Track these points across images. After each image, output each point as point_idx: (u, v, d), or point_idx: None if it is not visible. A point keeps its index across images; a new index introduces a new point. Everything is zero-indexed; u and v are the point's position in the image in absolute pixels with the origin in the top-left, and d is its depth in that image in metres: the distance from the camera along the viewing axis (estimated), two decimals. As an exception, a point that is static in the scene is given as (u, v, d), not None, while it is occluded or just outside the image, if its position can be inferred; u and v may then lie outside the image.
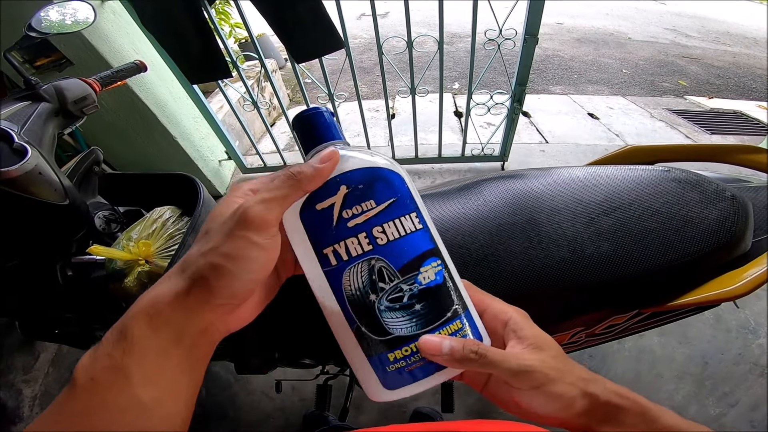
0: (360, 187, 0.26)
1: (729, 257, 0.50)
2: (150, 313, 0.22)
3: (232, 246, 0.23)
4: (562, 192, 0.53)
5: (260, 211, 0.23)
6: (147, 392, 0.21)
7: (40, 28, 0.63)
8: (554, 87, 3.23)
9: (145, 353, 0.21)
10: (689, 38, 4.53)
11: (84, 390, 0.20)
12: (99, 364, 0.21)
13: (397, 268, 0.26)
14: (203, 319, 0.23)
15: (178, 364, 0.23)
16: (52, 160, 0.52)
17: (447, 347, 0.25)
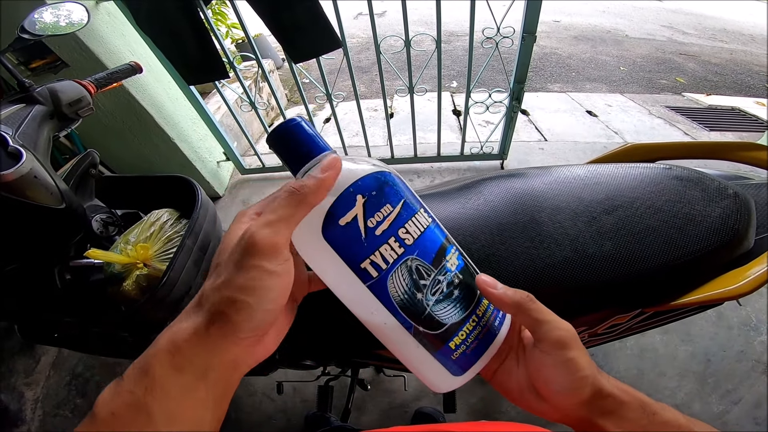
0: (373, 194, 0.25)
1: (732, 255, 0.50)
2: (171, 351, 0.22)
3: (246, 278, 0.22)
4: (563, 191, 0.52)
5: (267, 236, 0.22)
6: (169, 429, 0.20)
7: (33, 30, 0.62)
8: (552, 85, 3.23)
9: (167, 392, 0.21)
10: (686, 35, 4.54)
11: (105, 424, 0.20)
12: (120, 400, 0.21)
13: (429, 262, 0.27)
14: (228, 354, 0.23)
15: (203, 401, 0.22)
16: (47, 163, 0.52)
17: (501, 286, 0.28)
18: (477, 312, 0.28)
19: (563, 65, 3.62)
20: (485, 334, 0.28)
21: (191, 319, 0.23)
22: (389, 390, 1.23)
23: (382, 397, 1.22)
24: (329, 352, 0.78)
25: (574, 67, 3.57)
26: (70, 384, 1.36)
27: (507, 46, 1.43)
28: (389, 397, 1.22)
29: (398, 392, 1.21)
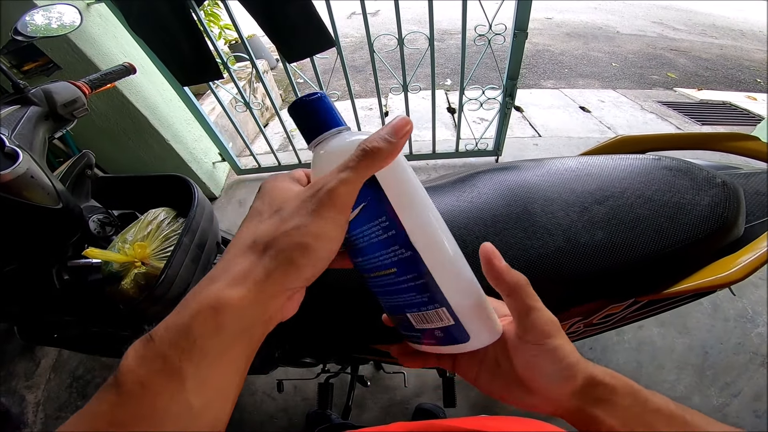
0: None
1: (722, 243, 0.50)
2: (216, 307, 0.20)
3: (321, 225, 0.22)
4: (555, 182, 0.53)
5: (344, 191, 0.23)
6: (199, 398, 0.19)
7: (26, 32, 0.62)
8: (546, 81, 3.25)
9: (205, 354, 0.20)
10: (676, 31, 4.58)
11: (132, 396, 0.19)
12: (151, 367, 0.19)
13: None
14: (275, 306, 0.22)
15: (235, 363, 0.21)
16: (43, 163, 0.52)
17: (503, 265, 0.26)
18: None
19: (556, 62, 3.64)
20: None
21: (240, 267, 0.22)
22: (389, 387, 1.23)
23: (382, 393, 1.22)
24: (328, 349, 0.79)
25: (566, 64, 3.59)
26: (71, 386, 1.36)
27: (499, 43, 1.45)
28: (389, 394, 1.22)
29: (398, 389, 1.22)
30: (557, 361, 0.25)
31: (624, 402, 0.25)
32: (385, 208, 0.25)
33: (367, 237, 0.26)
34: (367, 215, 0.25)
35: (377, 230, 0.25)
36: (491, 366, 0.29)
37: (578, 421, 0.26)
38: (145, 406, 0.18)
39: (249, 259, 0.22)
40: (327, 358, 0.88)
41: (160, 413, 0.19)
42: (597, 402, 0.25)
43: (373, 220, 0.25)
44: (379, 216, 0.25)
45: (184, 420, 0.19)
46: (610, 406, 0.25)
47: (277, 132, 2.62)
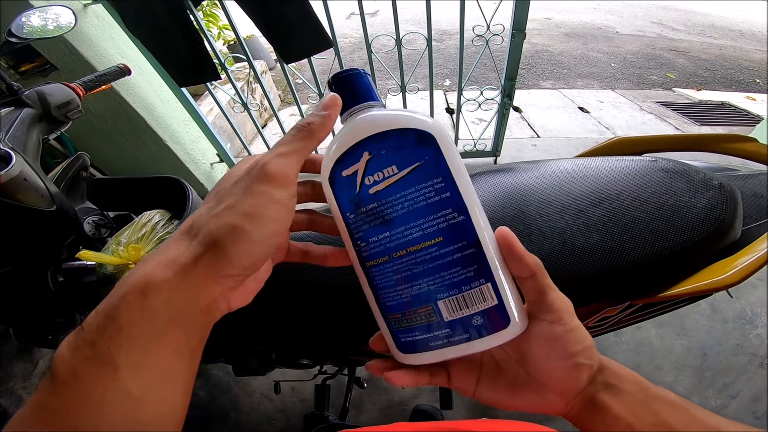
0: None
1: (719, 246, 0.50)
2: (144, 291, 0.19)
3: (252, 203, 0.21)
4: (551, 184, 0.53)
5: (281, 165, 0.22)
6: (137, 384, 0.19)
7: (21, 34, 0.62)
8: (545, 82, 3.25)
9: (135, 339, 0.19)
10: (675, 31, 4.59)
11: (65, 385, 0.18)
12: (81, 354, 0.18)
13: None
14: (208, 295, 0.21)
15: (175, 349, 0.20)
16: (37, 166, 0.52)
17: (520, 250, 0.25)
18: None
19: (555, 62, 3.64)
20: None
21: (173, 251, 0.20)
22: (387, 388, 1.23)
23: (379, 395, 1.22)
24: (325, 351, 0.78)
25: (565, 64, 3.59)
26: None
27: (497, 43, 1.44)
28: (387, 395, 1.22)
29: (396, 390, 1.22)
30: (579, 341, 0.24)
31: (630, 388, 0.25)
32: (442, 169, 0.24)
33: (410, 201, 0.24)
34: (417, 177, 0.24)
35: (428, 192, 0.24)
36: (492, 372, 0.28)
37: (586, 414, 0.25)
38: (79, 393, 0.18)
39: (181, 244, 0.21)
40: (323, 359, 0.88)
41: (95, 400, 0.18)
42: (606, 387, 0.25)
43: (426, 181, 0.24)
44: (435, 177, 0.24)
45: (124, 407, 0.18)
46: (617, 392, 0.24)
47: (275, 133, 2.61)
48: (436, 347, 0.25)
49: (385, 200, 0.24)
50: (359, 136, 0.25)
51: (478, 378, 0.28)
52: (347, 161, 0.25)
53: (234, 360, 0.75)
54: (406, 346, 0.26)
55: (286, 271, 0.28)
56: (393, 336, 0.27)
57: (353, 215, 0.25)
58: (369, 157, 0.24)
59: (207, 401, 1.26)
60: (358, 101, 0.27)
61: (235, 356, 0.74)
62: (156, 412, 0.19)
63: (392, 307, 0.26)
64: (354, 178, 0.25)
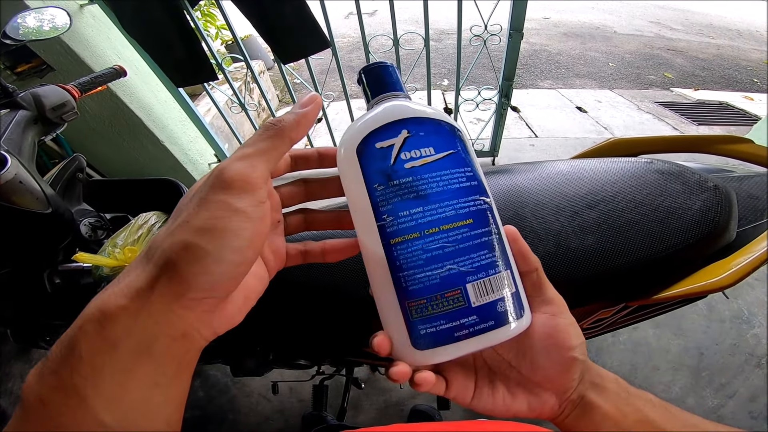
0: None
1: (714, 248, 0.50)
2: (100, 320, 0.17)
3: (208, 216, 0.18)
4: (546, 186, 0.53)
5: (240, 168, 0.19)
6: (111, 415, 0.17)
7: (16, 36, 0.61)
8: (543, 82, 3.25)
9: (99, 371, 0.17)
10: (673, 31, 4.59)
11: (34, 412, 0.17)
12: (46, 384, 0.17)
13: None
14: (177, 322, 0.18)
15: (148, 381, 0.18)
16: (33, 168, 0.52)
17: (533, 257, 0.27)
18: None
19: (553, 62, 3.65)
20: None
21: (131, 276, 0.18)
22: (385, 388, 1.23)
23: (377, 395, 1.22)
24: (323, 351, 0.78)
25: (563, 64, 3.60)
26: None
27: (495, 43, 1.45)
28: (385, 396, 1.22)
29: (394, 390, 1.22)
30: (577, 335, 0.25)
31: (612, 387, 0.25)
32: (469, 159, 0.26)
33: (445, 181, 0.24)
34: (451, 162, 0.25)
35: (460, 177, 0.25)
36: (486, 377, 0.27)
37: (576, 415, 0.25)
38: (48, 422, 0.17)
39: (138, 267, 0.19)
40: (321, 360, 0.88)
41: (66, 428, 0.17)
42: (592, 386, 0.25)
43: (459, 167, 0.25)
44: (466, 166, 0.26)
45: None
46: (602, 390, 0.25)
47: (273, 132, 2.61)
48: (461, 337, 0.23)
49: (421, 176, 0.24)
50: (398, 115, 0.26)
51: (474, 383, 0.27)
52: (382, 135, 0.25)
53: (232, 360, 0.75)
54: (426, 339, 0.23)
55: (283, 271, 0.28)
56: (410, 329, 0.24)
57: (383, 187, 0.24)
58: (408, 135, 0.25)
59: (205, 402, 1.27)
60: (388, 89, 0.28)
61: (233, 357, 0.74)
62: None
63: (416, 291, 0.23)
64: (389, 151, 0.25)
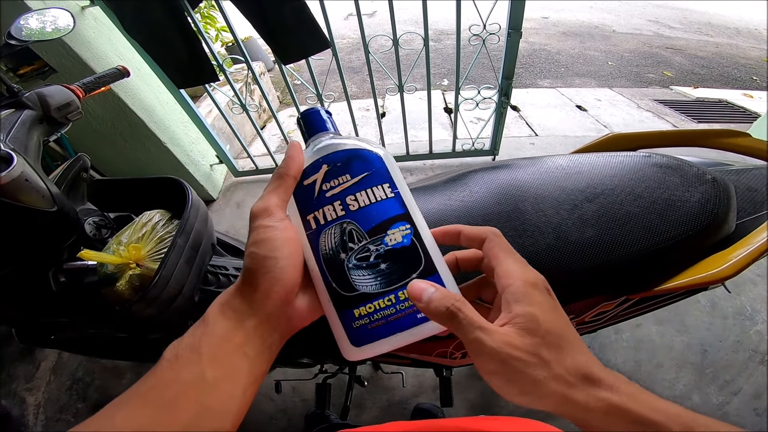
0: (338, 165, 0.30)
1: (713, 239, 0.51)
2: (222, 301, 0.27)
3: (254, 235, 0.28)
4: (546, 180, 0.54)
5: (259, 204, 0.29)
6: (211, 371, 0.24)
7: (20, 36, 0.62)
8: (542, 81, 3.26)
9: (214, 334, 0.25)
10: (672, 29, 4.60)
11: (168, 364, 0.24)
12: (184, 342, 0.25)
13: (365, 230, 0.29)
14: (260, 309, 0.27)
15: (240, 347, 0.26)
16: (38, 167, 0.52)
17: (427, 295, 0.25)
18: (400, 295, 0.28)
19: (552, 61, 3.65)
20: (399, 320, 0.28)
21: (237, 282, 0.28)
22: (387, 387, 1.24)
23: (380, 394, 1.23)
24: (325, 350, 0.79)
25: (563, 63, 3.60)
26: (71, 388, 1.36)
27: (494, 42, 1.45)
28: (388, 394, 1.22)
29: (396, 389, 1.22)
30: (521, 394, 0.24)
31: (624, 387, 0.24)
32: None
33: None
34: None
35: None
36: None
37: None
38: (174, 373, 0.24)
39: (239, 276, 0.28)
40: (324, 358, 0.88)
41: (182, 380, 0.24)
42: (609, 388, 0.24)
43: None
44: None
45: (199, 389, 0.23)
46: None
47: (274, 134, 2.62)
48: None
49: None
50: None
51: None
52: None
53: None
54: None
55: None
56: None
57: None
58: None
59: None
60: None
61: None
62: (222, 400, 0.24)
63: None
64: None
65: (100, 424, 0.22)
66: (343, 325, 0.28)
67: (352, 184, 0.29)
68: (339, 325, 0.28)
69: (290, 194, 0.30)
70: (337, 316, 0.28)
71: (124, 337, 0.71)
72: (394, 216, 0.29)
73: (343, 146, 0.31)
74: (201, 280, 0.63)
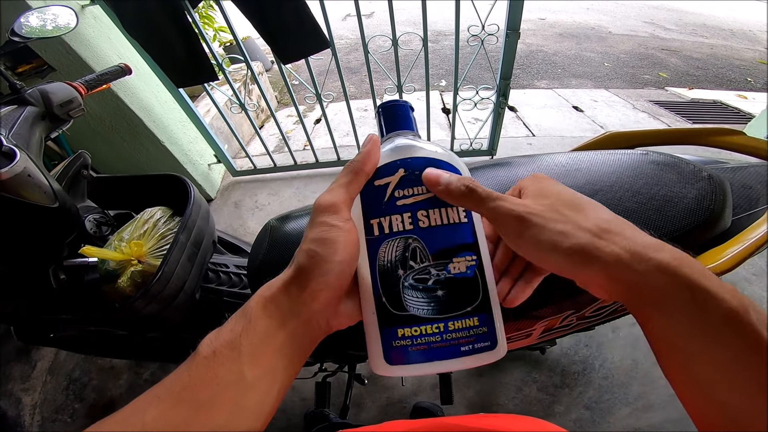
0: (416, 172, 0.28)
1: (709, 235, 0.52)
2: (266, 296, 0.26)
3: (316, 231, 0.26)
4: (546, 177, 0.54)
5: (327, 197, 0.27)
6: (251, 370, 0.23)
7: (22, 33, 0.62)
8: (539, 81, 3.28)
9: (256, 332, 0.24)
10: (668, 31, 4.63)
11: (205, 360, 0.23)
12: (222, 338, 0.24)
13: (430, 251, 0.27)
14: (305, 309, 0.25)
15: (280, 347, 0.25)
16: (40, 163, 0.53)
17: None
18: (449, 325, 0.27)
19: (549, 62, 3.67)
20: (442, 349, 0.26)
21: (284, 273, 0.27)
22: (387, 386, 1.24)
23: (380, 393, 1.23)
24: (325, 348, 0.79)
25: (559, 64, 3.62)
26: (67, 389, 1.35)
27: (492, 43, 1.46)
28: (387, 393, 1.22)
29: (396, 388, 1.22)
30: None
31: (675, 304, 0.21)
32: None
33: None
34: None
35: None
36: None
37: None
38: (211, 371, 0.22)
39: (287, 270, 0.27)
40: (323, 356, 0.88)
41: (219, 379, 0.22)
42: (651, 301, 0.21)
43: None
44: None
45: (238, 389, 0.22)
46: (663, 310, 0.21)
47: (272, 134, 2.62)
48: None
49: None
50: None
51: None
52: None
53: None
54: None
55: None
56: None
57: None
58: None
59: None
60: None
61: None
62: (258, 400, 0.23)
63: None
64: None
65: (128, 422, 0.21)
66: (382, 341, 0.27)
67: (427, 198, 0.28)
68: (378, 340, 0.27)
69: (359, 191, 0.29)
70: (379, 330, 0.27)
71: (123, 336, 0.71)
72: (462, 244, 0.28)
73: (424, 152, 0.29)
74: (202, 278, 0.63)
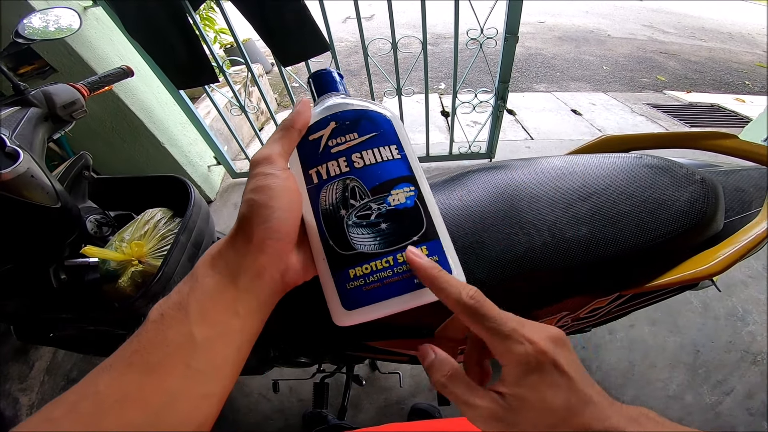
0: (347, 123, 0.30)
1: (702, 237, 0.52)
2: (212, 253, 0.26)
3: (253, 182, 0.26)
4: (542, 180, 0.55)
5: (262, 152, 0.28)
6: (200, 330, 0.22)
7: (25, 35, 0.63)
8: (538, 85, 3.29)
9: (203, 290, 0.24)
10: (666, 34, 4.66)
11: (153, 324, 0.22)
12: (170, 301, 0.23)
13: (369, 187, 0.28)
14: (254, 261, 0.25)
15: (231, 304, 0.24)
16: (43, 164, 0.53)
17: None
18: (398, 257, 0.27)
19: (548, 65, 3.69)
20: (396, 284, 0.26)
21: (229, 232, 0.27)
22: (385, 387, 1.24)
23: (378, 394, 1.23)
24: (323, 349, 0.79)
25: (558, 67, 3.64)
26: (65, 389, 1.32)
27: (491, 47, 1.47)
28: (385, 394, 1.23)
29: (394, 389, 1.23)
30: None
31: None
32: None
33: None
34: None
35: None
36: None
37: None
38: (160, 334, 0.22)
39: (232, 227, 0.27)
40: (322, 357, 0.89)
41: (167, 342, 0.22)
42: None
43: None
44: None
45: (187, 350, 0.22)
46: None
47: (272, 135, 2.63)
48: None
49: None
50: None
51: None
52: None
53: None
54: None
55: None
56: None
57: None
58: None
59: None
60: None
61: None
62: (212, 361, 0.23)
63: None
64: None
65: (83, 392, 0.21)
66: (336, 286, 0.27)
67: (359, 142, 0.29)
68: (332, 285, 0.27)
69: (294, 146, 0.29)
70: (331, 275, 0.27)
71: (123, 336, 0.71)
72: (399, 177, 0.29)
73: (352, 106, 0.30)
74: (202, 278, 0.64)
